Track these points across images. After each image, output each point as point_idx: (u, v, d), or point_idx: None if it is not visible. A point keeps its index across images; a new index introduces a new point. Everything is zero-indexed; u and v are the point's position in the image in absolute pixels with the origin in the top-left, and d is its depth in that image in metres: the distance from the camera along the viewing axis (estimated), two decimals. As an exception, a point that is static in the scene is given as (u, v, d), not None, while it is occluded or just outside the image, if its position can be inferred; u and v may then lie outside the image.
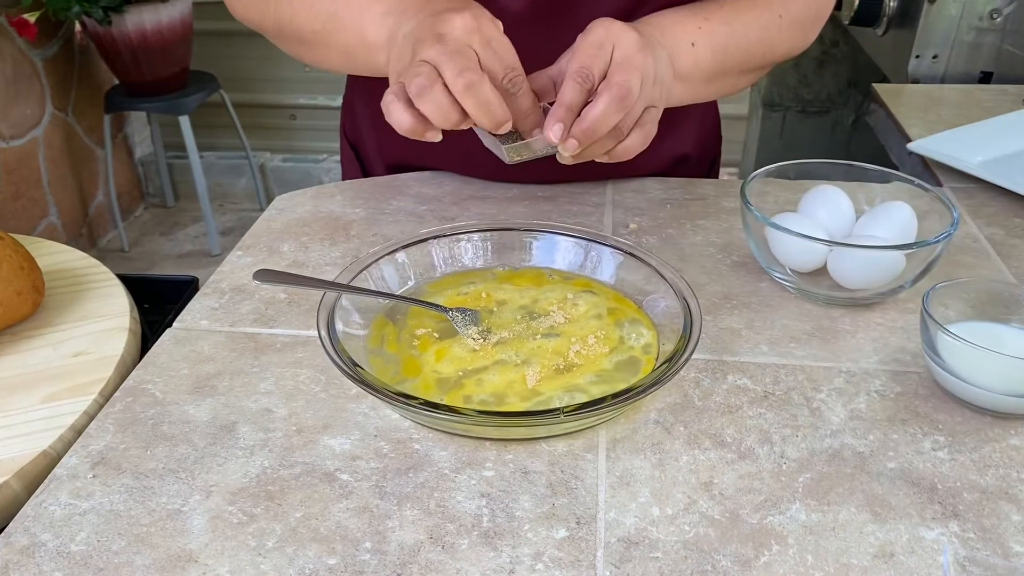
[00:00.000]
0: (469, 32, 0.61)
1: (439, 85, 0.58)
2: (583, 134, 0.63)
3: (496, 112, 0.60)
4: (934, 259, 0.68)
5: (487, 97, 0.59)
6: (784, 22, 0.80)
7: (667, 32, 0.73)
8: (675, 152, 0.96)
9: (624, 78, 0.63)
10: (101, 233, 2.77)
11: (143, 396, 0.62)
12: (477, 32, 0.61)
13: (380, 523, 0.51)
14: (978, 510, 0.52)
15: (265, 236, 0.84)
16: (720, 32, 0.76)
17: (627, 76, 0.64)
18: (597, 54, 0.65)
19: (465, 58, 0.59)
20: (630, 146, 0.68)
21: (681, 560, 0.49)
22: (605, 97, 0.63)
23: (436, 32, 0.60)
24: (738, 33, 0.77)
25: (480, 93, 0.58)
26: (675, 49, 0.73)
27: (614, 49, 0.65)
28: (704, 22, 0.75)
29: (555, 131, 0.63)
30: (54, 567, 0.49)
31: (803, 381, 0.63)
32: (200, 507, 0.53)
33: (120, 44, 2.35)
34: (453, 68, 0.58)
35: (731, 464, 0.55)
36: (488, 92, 0.59)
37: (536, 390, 0.60)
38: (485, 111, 0.60)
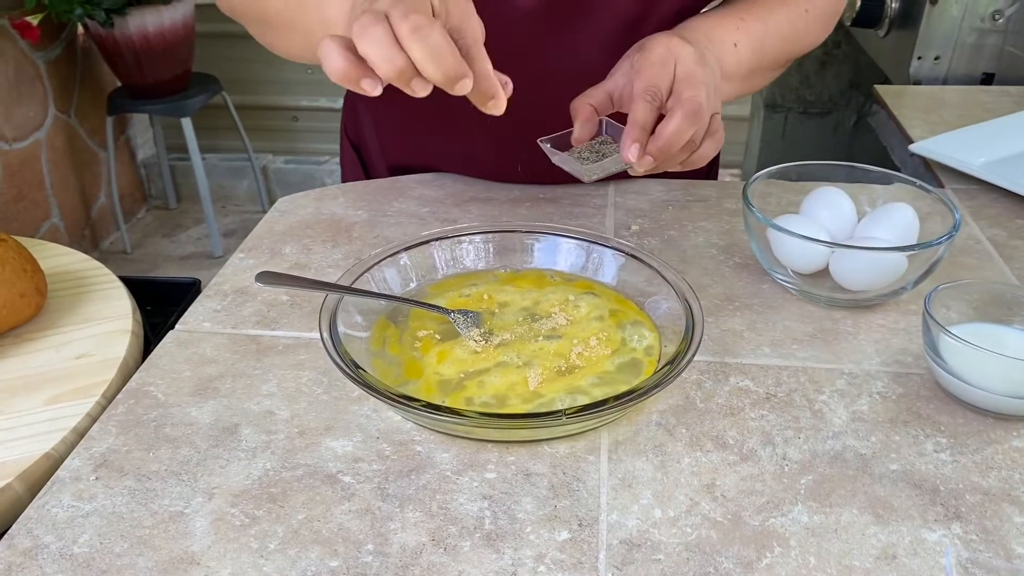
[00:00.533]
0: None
1: (383, 25, 0.51)
2: (659, 151, 0.66)
3: (447, 61, 0.52)
4: (936, 261, 0.68)
5: (437, 42, 0.51)
6: (810, 16, 0.83)
7: (712, 36, 0.75)
8: None
9: (693, 93, 0.66)
10: (103, 235, 2.78)
11: (145, 398, 0.62)
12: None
13: (382, 525, 0.51)
14: (980, 512, 0.52)
15: (267, 238, 0.84)
16: (756, 30, 0.78)
17: (695, 91, 0.66)
18: (661, 72, 0.67)
19: (414, 4, 0.52)
20: (704, 154, 0.70)
21: (683, 562, 0.49)
22: (679, 114, 0.65)
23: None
24: (772, 30, 0.80)
25: (430, 37, 0.51)
26: (720, 51, 0.75)
27: (676, 65, 0.67)
28: (740, 22, 0.78)
29: (632, 151, 0.65)
30: (56, 569, 0.49)
31: (805, 383, 0.63)
32: (202, 509, 0.53)
33: (122, 46, 2.35)
34: (399, 10, 0.51)
35: (733, 466, 0.55)
36: (439, 38, 0.51)
37: (538, 392, 0.60)
38: (434, 59, 0.51)
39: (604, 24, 0.80)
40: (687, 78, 0.67)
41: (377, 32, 0.51)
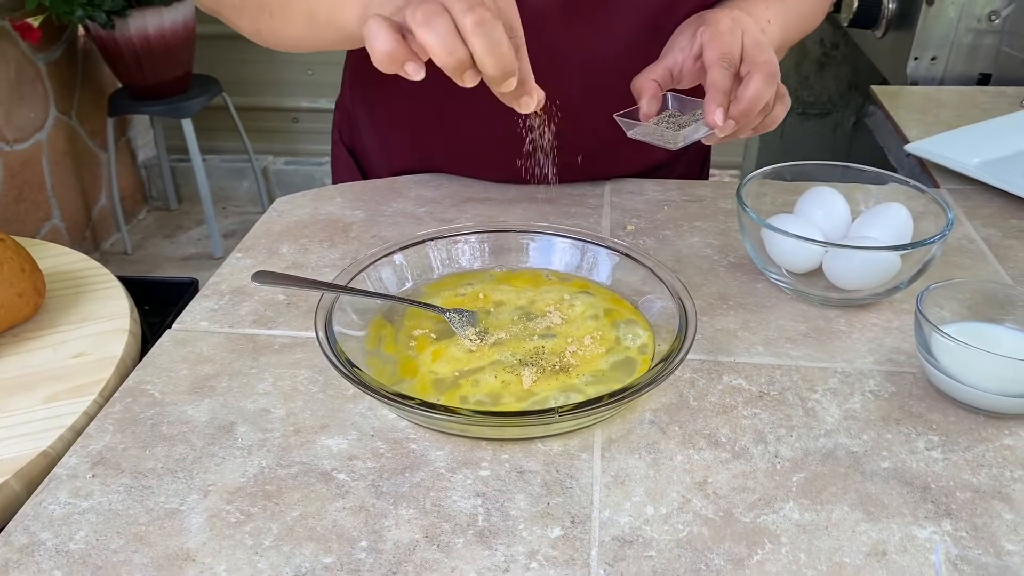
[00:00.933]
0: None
1: (446, 17, 0.52)
2: (742, 114, 0.69)
3: (506, 56, 0.53)
4: (929, 260, 0.68)
5: (499, 37, 0.52)
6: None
7: (753, 15, 0.78)
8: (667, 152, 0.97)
9: (768, 57, 0.70)
10: (104, 236, 2.78)
11: (142, 397, 0.63)
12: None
13: (376, 522, 0.52)
14: (971, 509, 0.52)
15: (265, 238, 0.84)
16: (781, 9, 0.82)
17: (769, 55, 0.70)
18: (731, 40, 0.71)
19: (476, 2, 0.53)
20: (776, 117, 0.73)
21: (675, 559, 0.49)
22: (757, 76, 0.69)
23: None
24: (793, 8, 0.84)
25: (493, 32, 0.52)
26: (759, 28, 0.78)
27: (743, 34, 0.71)
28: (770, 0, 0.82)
29: (718, 116, 0.69)
30: (53, 565, 0.49)
31: (798, 381, 0.63)
32: (198, 506, 0.53)
33: (123, 48, 2.36)
34: (463, 4, 0.52)
35: (725, 464, 0.56)
36: (501, 34, 0.52)
37: (532, 391, 0.60)
38: (495, 53, 0.53)
39: (626, 20, 0.80)
40: (756, 44, 0.71)
41: (441, 23, 0.52)
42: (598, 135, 0.86)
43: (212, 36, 2.71)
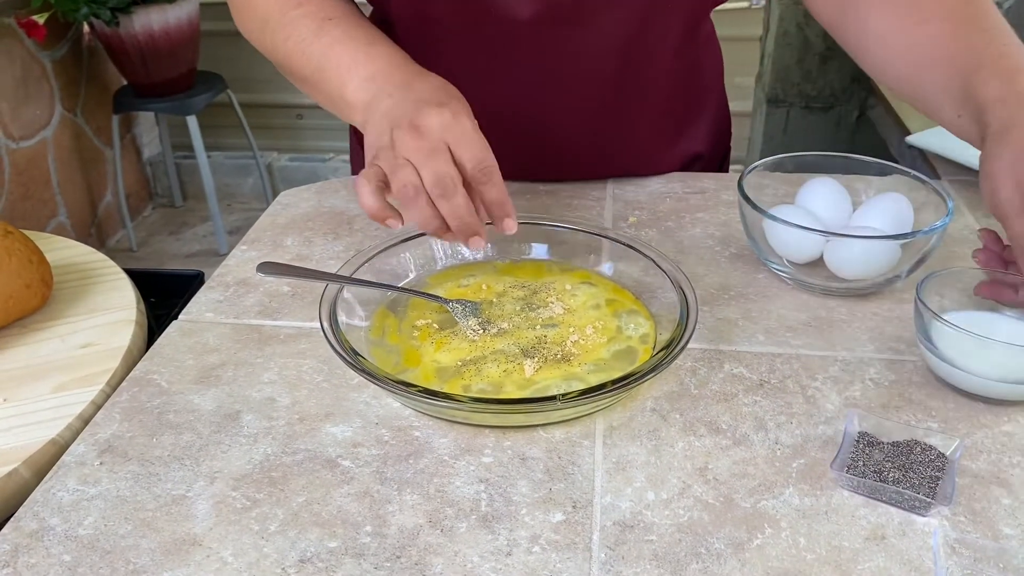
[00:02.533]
0: (445, 129, 0.62)
1: (423, 197, 0.61)
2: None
3: (464, 218, 0.62)
4: (929, 250, 0.68)
5: (459, 202, 0.61)
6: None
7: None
8: (689, 152, 0.97)
9: None
10: (110, 233, 2.80)
11: (149, 386, 0.63)
12: (453, 129, 0.62)
13: (380, 507, 0.52)
14: (969, 494, 0.53)
15: (269, 231, 0.85)
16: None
17: None
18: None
19: (441, 160, 0.61)
20: None
21: (675, 543, 0.50)
22: None
23: (414, 123, 0.62)
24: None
25: (453, 199, 0.61)
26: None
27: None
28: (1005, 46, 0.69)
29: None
30: (62, 550, 0.50)
31: (799, 369, 0.64)
32: (204, 493, 0.54)
33: (128, 45, 2.37)
34: (430, 174, 0.60)
35: (726, 450, 0.56)
36: (460, 200, 0.61)
37: (533, 379, 0.60)
38: (456, 217, 0.62)
39: (605, 29, 0.80)
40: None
41: (421, 206, 0.61)
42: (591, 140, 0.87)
43: (216, 33, 2.72)
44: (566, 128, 0.87)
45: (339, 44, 0.72)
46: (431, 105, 0.63)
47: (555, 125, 0.87)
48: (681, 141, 0.95)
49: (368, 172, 0.62)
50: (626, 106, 0.87)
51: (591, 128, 0.88)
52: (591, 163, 0.92)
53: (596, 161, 0.92)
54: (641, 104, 0.87)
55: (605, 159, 0.92)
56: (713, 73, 0.96)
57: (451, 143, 0.62)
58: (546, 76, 0.83)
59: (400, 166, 0.61)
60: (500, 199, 0.63)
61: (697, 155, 0.98)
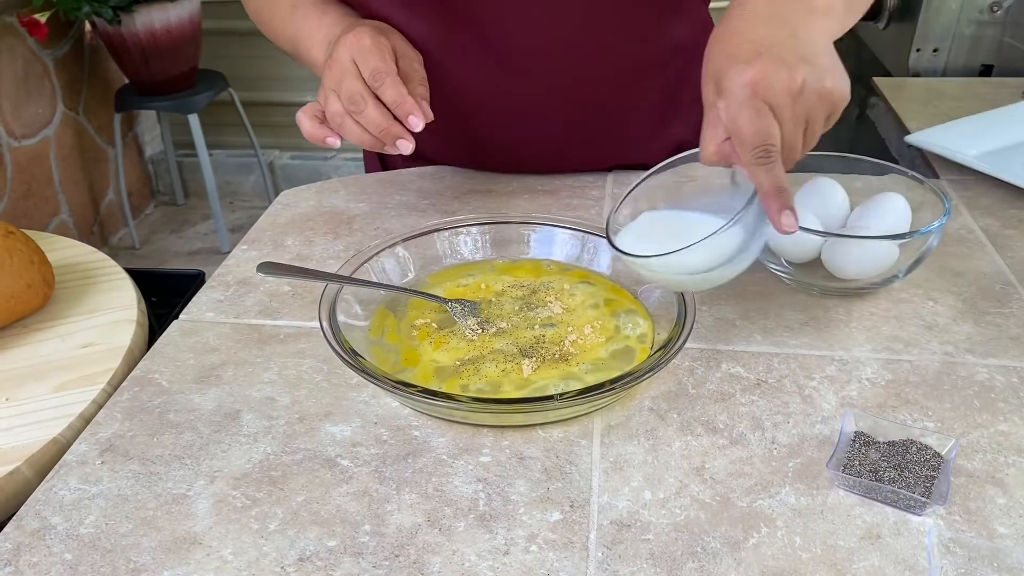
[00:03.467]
0: (350, 51, 0.72)
1: (348, 119, 0.72)
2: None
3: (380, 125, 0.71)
4: (927, 249, 0.69)
5: (370, 113, 0.71)
6: None
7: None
8: (679, 138, 0.97)
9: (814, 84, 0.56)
10: (112, 231, 2.80)
11: (150, 385, 0.64)
12: (354, 48, 0.72)
13: (379, 507, 0.53)
14: (964, 494, 0.53)
15: (270, 230, 0.85)
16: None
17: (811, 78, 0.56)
18: (757, 121, 0.56)
19: (348, 81, 0.71)
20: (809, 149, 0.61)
21: (672, 542, 0.50)
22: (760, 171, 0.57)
23: (331, 57, 0.73)
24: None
25: (365, 111, 0.71)
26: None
27: (770, 92, 0.56)
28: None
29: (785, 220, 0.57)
30: (64, 549, 0.50)
31: (796, 369, 0.64)
32: (204, 492, 0.54)
33: (129, 43, 2.37)
34: (344, 96, 0.71)
35: (723, 450, 0.57)
36: (370, 110, 0.71)
37: (531, 379, 0.61)
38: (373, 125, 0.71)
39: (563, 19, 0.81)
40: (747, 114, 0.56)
41: (347, 123, 0.72)
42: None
43: (218, 31, 2.72)
44: (546, 115, 0.88)
45: (302, 18, 0.83)
46: (341, 37, 0.73)
47: (536, 111, 0.87)
48: (672, 127, 0.95)
49: (306, 107, 0.75)
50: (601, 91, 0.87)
51: (573, 115, 0.88)
52: (576, 151, 0.92)
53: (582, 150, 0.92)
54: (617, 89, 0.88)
55: (591, 147, 0.92)
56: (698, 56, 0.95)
57: (356, 62, 0.71)
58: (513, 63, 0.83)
59: (327, 97, 0.72)
60: (395, 99, 0.70)
61: (682, 141, 0.98)
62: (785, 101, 0.55)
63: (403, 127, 0.71)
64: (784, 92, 0.55)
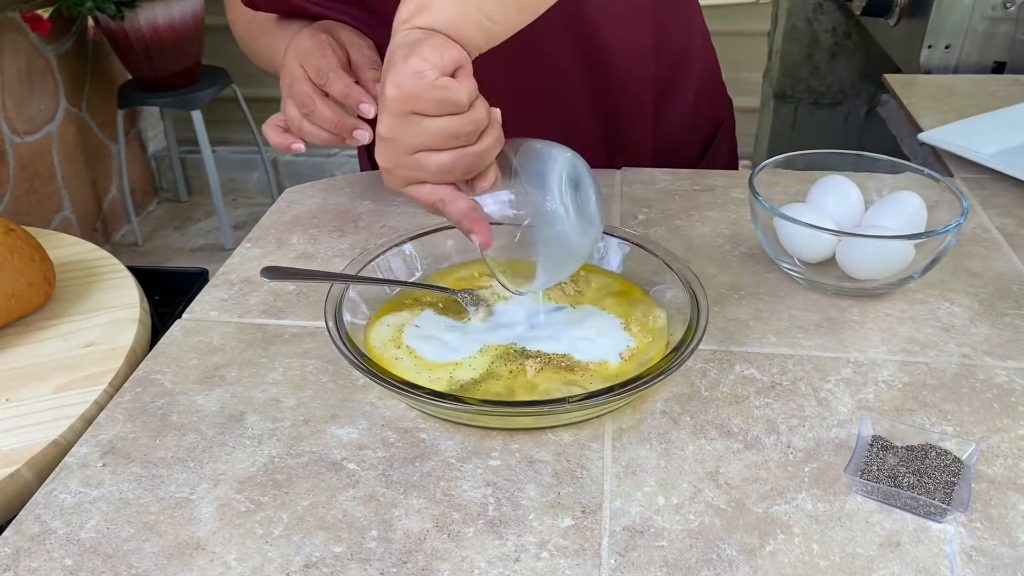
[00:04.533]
0: (295, 56, 0.73)
1: (305, 121, 0.73)
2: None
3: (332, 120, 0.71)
4: (944, 249, 0.67)
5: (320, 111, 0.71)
6: None
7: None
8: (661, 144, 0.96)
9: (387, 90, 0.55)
10: (115, 228, 2.79)
11: (152, 386, 0.63)
12: (298, 53, 0.73)
13: (386, 511, 0.52)
14: (985, 500, 0.52)
15: (274, 228, 0.84)
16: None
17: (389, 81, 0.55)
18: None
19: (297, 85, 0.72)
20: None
21: (686, 549, 0.49)
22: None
23: (283, 67, 0.75)
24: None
25: (315, 111, 0.71)
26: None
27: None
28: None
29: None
30: (64, 554, 0.49)
31: (811, 371, 0.63)
32: (208, 495, 0.53)
33: (132, 39, 2.36)
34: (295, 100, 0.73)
35: (737, 454, 0.55)
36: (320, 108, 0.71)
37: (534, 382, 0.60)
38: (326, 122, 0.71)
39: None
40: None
41: (304, 126, 0.73)
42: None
43: (221, 27, 2.70)
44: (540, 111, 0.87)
45: (273, 36, 0.84)
46: (290, 45, 0.75)
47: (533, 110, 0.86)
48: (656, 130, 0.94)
49: (271, 119, 0.77)
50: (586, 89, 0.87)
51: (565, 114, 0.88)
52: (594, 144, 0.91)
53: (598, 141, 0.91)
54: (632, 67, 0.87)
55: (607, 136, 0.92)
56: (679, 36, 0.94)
57: (303, 65, 0.72)
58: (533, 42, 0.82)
59: (284, 105, 0.75)
60: (342, 91, 0.70)
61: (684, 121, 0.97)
62: None
63: (357, 118, 0.70)
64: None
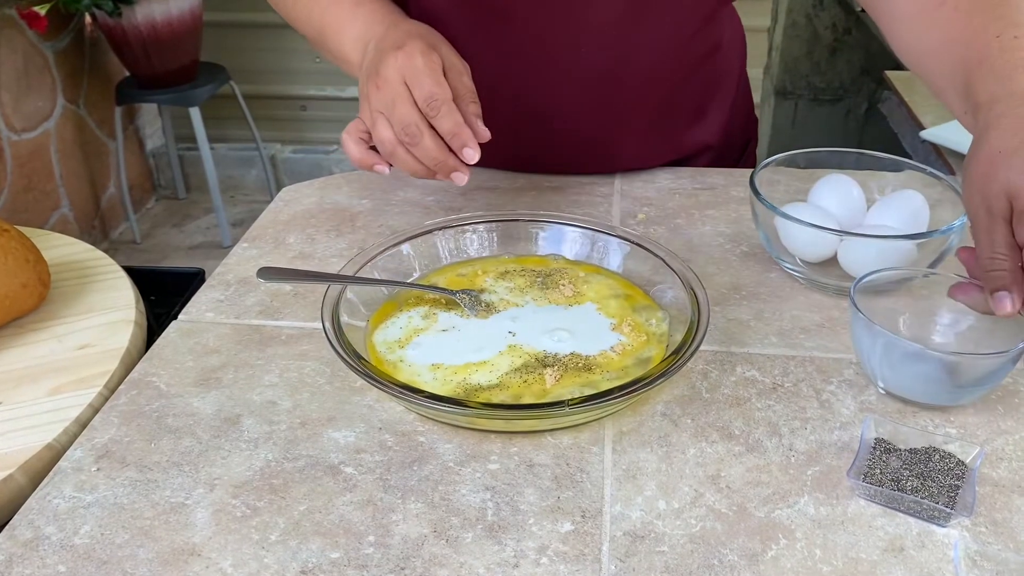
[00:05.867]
0: (402, 71, 0.66)
1: (400, 148, 0.66)
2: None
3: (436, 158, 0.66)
4: (946, 249, 0.67)
5: (427, 145, 0.65)
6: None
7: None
8: (700, 141, 0.95)
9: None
10: (113, 225, 2.78)
11: (148, 389, 0.62)
12: (407, 70, 0.66)
13: (384, 516, 0.51)
14: (990, 504, 0.51)
15: (271, 228, 0.84)
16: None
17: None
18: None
19: (403, 108, 0.65)
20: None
21: (687, 554, 0.48)
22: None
23: (377, 74, 0.67)
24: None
25: (421, 143, 0.65)
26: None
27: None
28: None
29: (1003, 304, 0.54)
30: (57, 560, 0.49)
31: (812, 372, 0.62)
32: (204, 500, 0.52)
33: (130, 36, 2.35)
34: (396, 124, 0.66)
35: (739, 457, 0.55)
36: (427, 142, 0.65)
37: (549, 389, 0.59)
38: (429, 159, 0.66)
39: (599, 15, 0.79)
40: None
41: (399, 152, 0.67)
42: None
43: (219, 24, 2.70)
44: (567, 114, 0.86)
45: (333, 5, 0.77)
46: (389, 52, 0.67)
47: (556, 111, 0.85)
48: (693, 129, 0.93)
49: (351, 127, 0.70)
50: (627, 91, 0.85)
51: (593, 115, 0.86)
52: (594, 152, 0.90)
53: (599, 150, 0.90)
54: (644, 90, 0.86)
55: (607, 147, 0.90)
56: (730, 57, 0.94)
57: (408, 84, 0.66)
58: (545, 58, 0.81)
59: (375, 121, 0.67)
60: (451, 129, 0.65)
61: (708, 146, 0.96)
62: None
63: (458, 159, 0.66)
64: None
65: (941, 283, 0.62)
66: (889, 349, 0.57)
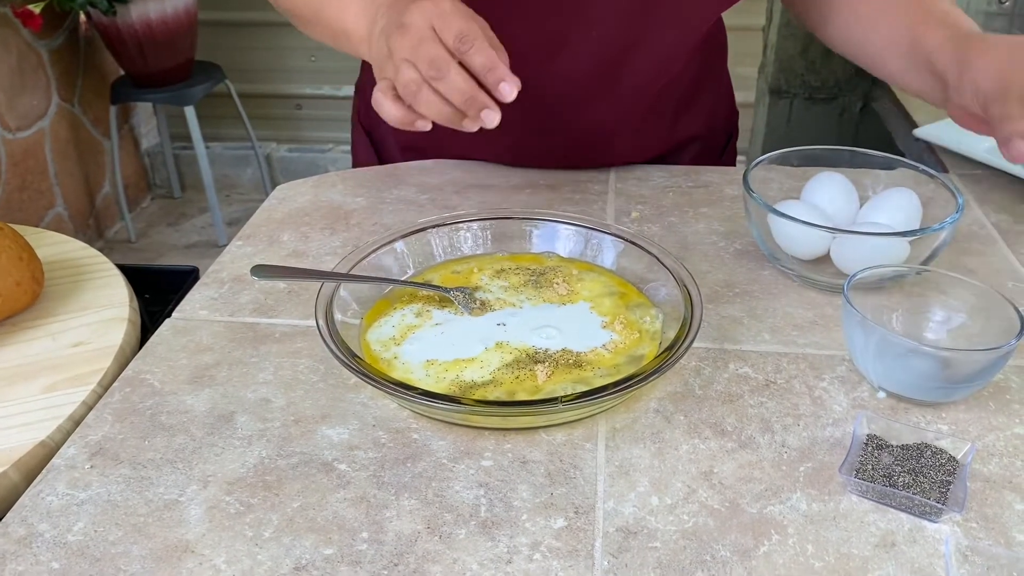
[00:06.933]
0: (428, 16, 0.62)
1: (425, 88, 0.61)
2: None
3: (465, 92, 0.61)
4: (939, 246, 0.67)
5: (453, 78, 0.60)
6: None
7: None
8: (686, 134, 0.95)
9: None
10: (108, 224, 2.78)
11: (142, 386, 0.62)
12: (434, 12, 0.62)
13: (377, 513, 0.51)
14: (981, 500, 0.51)
15: (265, 226, 0.84)
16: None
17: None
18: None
19: (428, 46, 0.61)
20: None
21: (680, 550, 0.48)
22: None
23: (401, 24, 0.63)
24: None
25: (448, 77, 0.60)
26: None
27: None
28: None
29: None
30: (51, 557, 0.49)
31: (805, 369, 0.62)
32: (197, 497, 0.52)
33: (125, 35, 2.35)
34: (422, 63, 0.61)
35: (731, 453, 0.55)
36: (454, 75, 0.60)
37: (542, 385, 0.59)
38: (456, 92, 0.61)
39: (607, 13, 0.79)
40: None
41: (425, 95, 0.61)
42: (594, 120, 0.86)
43: (214, 23, 2.70)
44: (566, 108, 0.86)
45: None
46: (412, 2, 0.63)
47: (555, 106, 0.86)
48: (678, 122, 0.93)
49: (380, 86, 0.64)
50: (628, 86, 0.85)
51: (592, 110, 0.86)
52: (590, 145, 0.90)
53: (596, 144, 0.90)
54: (644, 85, 0.86)
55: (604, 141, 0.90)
56: (716, 48, 0.95)
57: (436, 27, 0.61)
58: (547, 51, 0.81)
59: (399, 68, 0.62)
60: (486, 63, 0.61)
61: (693, 137, 0.96)
62: None
63: (489, 96, 0.61)
64: None
65: (934, 280, 0.62)
66: (882, 346, 0.57)
